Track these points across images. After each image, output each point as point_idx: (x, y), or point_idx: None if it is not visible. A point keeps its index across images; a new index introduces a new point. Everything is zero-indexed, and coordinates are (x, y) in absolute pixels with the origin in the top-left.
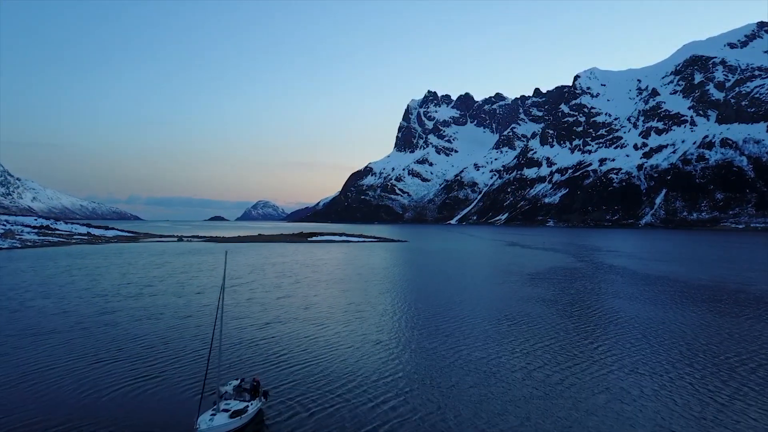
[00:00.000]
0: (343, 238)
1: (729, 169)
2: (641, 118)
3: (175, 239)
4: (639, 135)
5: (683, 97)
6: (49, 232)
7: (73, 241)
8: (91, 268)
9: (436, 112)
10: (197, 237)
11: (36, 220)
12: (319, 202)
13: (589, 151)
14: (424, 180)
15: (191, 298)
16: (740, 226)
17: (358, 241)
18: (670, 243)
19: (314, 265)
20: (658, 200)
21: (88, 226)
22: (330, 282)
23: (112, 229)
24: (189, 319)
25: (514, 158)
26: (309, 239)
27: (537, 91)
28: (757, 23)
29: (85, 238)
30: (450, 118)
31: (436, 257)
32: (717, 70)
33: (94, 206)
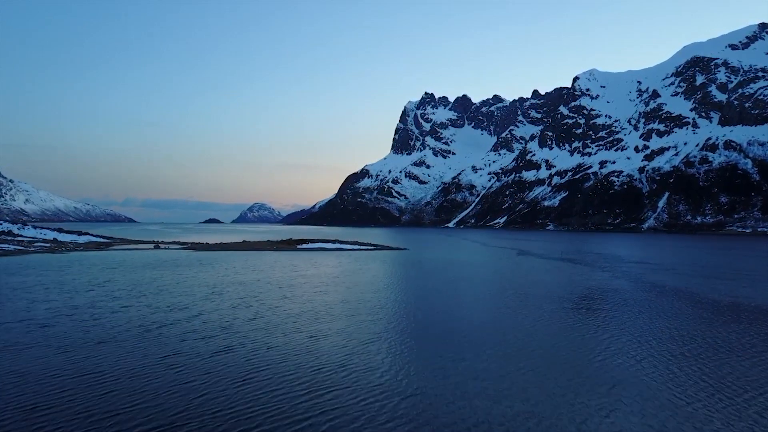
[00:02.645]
0: (336, 245)
1: (733, 171)
2: (642, 120)
3: (151, 247)
4: (640, 137)
5: (685, 99)
6: (9, 239)
7: (32, 249)
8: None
9: (433, 113)
10: (177, 243)
11: (0, 225)
12: (315, 205)
13: (589, 154)
14: (422, 182)
15: (81, 353)
16: (747, 231)
17: (353, 249)
18: (693, 250)
19: (291, 285)
20: (660, 204)
21: (60, 231)
22: (301, 318)
23: (86, 234)
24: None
25: (513, 160)
26: (298, 247)
27: (535, 92)
28: (759, 24)
29: (47, 246)
30: (447, 120)
31: (442, 272)
32: (719, 71)
33: (88, 208)
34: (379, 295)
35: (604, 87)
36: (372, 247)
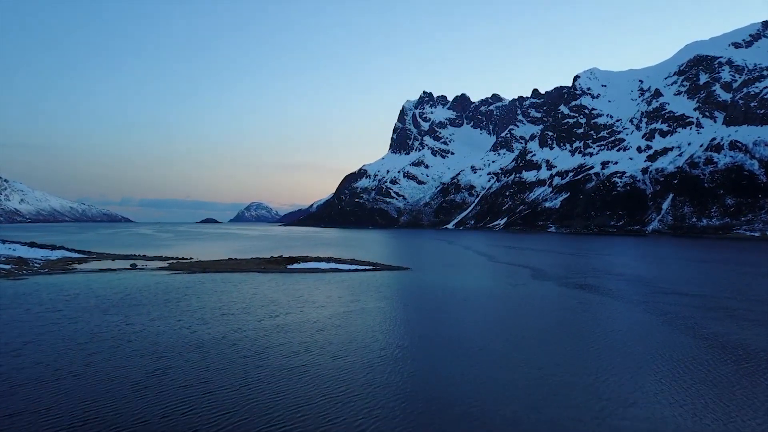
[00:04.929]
0: (331, 265)
1: (739, 173)
2: (644, 120)
3: (128, 265)
4: (642, 137)
5: (688, 98)
6: None
7: None
8: None
9: (431, 113)
10: (159, 259)
11: None
12: (312, 204)
13: (590, 154)
14: (420, 183)
15: None
16: (755, 234)
17: (349, 270)
18: (723, 267)
19: (261, 352)
20: (665, 205)
21: (32, 245)
22: None
23: (61, 248)
24: None
25: (513, 161)
26: (288, 266)
27: (535, 91)
28: (762, 23)
29: (6, 268)
30: (446, 119)
31: (453, 315)
32: (723, 70)
33: (84, 208)
34: (373, 378)
35: (605, 86)
36: (371, 267)
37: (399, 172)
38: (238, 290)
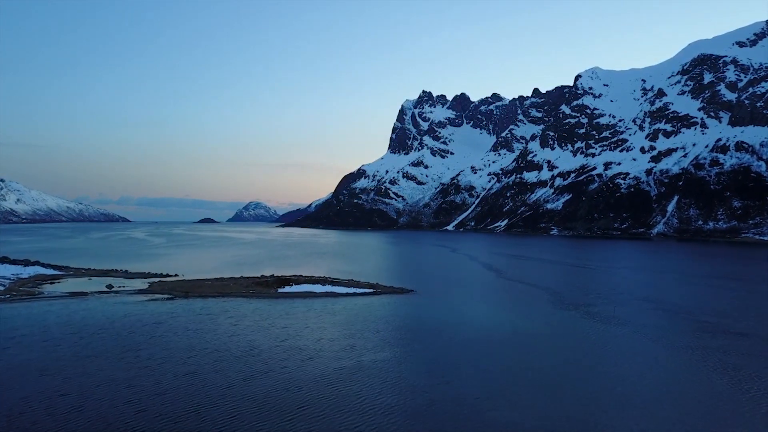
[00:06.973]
0: (327, 287)
1: (746, 174)
2: (647, 120)
3: (104, 287)
4: (645, 138)
5: (692, 98)
6: None
7: None
8: None
9: (431, 112)
10: (142, 276)
11: None
12: (311, 204)
13: (593, 155)
14: (419, 183)
15: None
16: (765, 239)
17: (346, 294)
18: (766, 288)
19: None
20: (670, 208)
21: (3, 260)
22: None
23: (35, 264)
24: None
25: (513, 161)
26: (279, 290)
27: (536, 91)
28: (767, 21)
29: None
30: (445, 119)
31: (475, 376)
32: (728, 69)
33: (81, 208)
34: None
35: (607, 85)
36: (370, 290)
37: (398, 172)
38: (215, 328)
